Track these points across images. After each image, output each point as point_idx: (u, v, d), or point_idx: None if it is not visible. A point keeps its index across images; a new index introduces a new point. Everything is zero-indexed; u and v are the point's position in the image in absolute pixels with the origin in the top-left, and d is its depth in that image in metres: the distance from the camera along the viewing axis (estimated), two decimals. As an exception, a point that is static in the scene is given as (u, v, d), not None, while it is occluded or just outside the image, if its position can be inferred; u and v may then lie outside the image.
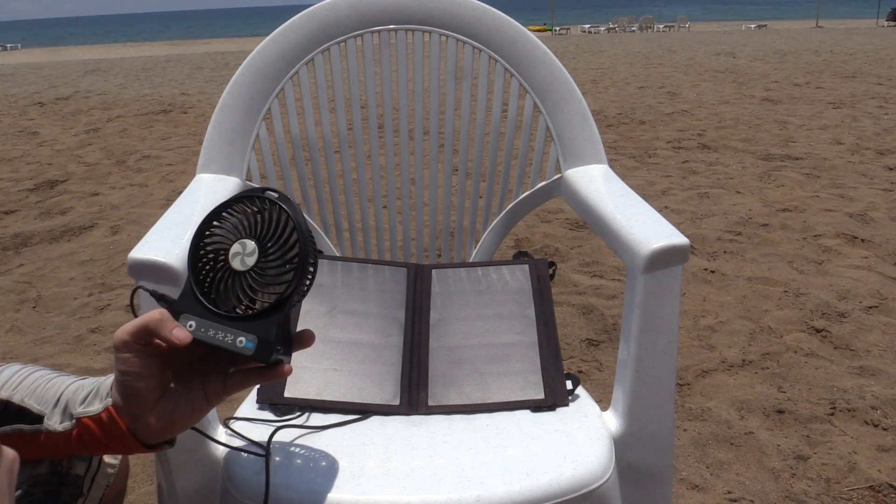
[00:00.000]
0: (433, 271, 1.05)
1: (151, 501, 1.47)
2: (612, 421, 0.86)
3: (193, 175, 1.08)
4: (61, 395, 0.60)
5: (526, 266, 1.04)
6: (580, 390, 0.90)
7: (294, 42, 1.11)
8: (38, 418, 0.59)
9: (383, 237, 1.25)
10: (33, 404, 0.60)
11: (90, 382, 0.61)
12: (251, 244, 0.58)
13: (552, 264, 1.04)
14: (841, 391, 1.80)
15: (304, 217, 0.59)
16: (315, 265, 0.59)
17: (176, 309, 0.58)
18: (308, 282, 0.59)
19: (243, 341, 0.57)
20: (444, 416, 0.87)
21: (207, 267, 0.59)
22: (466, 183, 1.21)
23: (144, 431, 0.58)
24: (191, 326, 0.57)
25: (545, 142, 1.15)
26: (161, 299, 0.62)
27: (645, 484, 0.87)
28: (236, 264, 0.58)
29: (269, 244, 0.58)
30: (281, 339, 0.58)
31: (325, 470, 0.74)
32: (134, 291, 0.69)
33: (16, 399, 0.60)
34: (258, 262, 0.58)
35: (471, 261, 1.24)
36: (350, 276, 1.02)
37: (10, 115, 7.40)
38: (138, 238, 0.82)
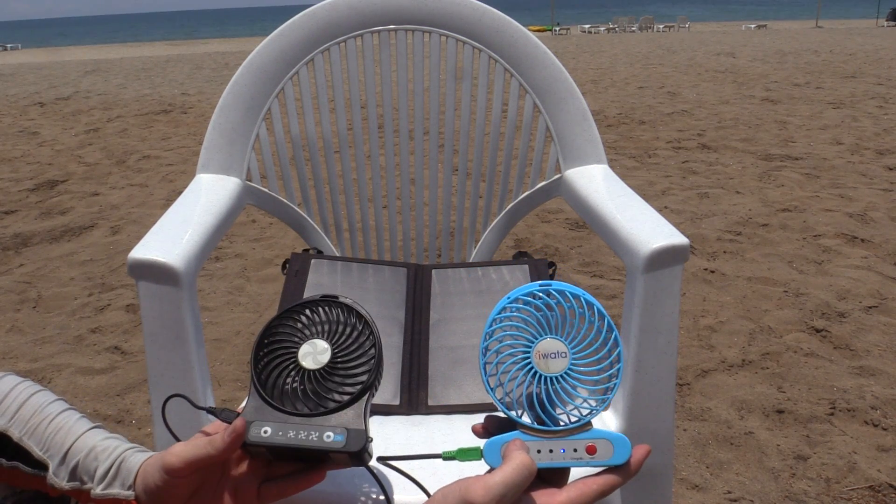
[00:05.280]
0: (433, 271, 1.05)
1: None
2: (612, 421, 0.87)
3: (193, 175, 1.09)
4: (69, 450, 0.58)
5: (526, 266, 1.04)
6: (580, 390, 0.90)
7: (294, 42, 1.11)
8: (40, 464, 0.57)
9: (383, 237, 1.25)
10: (34, 448, 0.57)
11: (104, 450, 0.58)
12: (322, 343, 0.59)
13: (552, 264, 1.04)
14: (841, 391, 1.80)
15: (365, 309, 0.61)
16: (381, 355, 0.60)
17: (246, 419, 0.56)
18: (382, 370, 0.60)
19: (331, 436, 0.55)
20: (444, 415, 0.87)
21: (273, 370, 0.59)
22: (466, 183, 1.21)
23: None
24: (266, 432, 0.55)
25: (545, 142, 1.15)
26: (220, 414, 0.59)
27: (645, 484, 0.87)
28: (308, 363, 0.58)
29: (342, 340, 0.59)
30: (367, 429, 0.57)
31: (332, 476, 0.74)
32: (167, 400, 0.65)
33: (13, 434, 0.58)
34: (331, 358, 0.59)
35: (471, 261, 1.24)
36: (350, 276, 1.02)
37: (10, 115, 7.40)
38: (138, 238, 0.82)
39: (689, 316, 2.25)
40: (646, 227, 0.86)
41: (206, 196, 0.99)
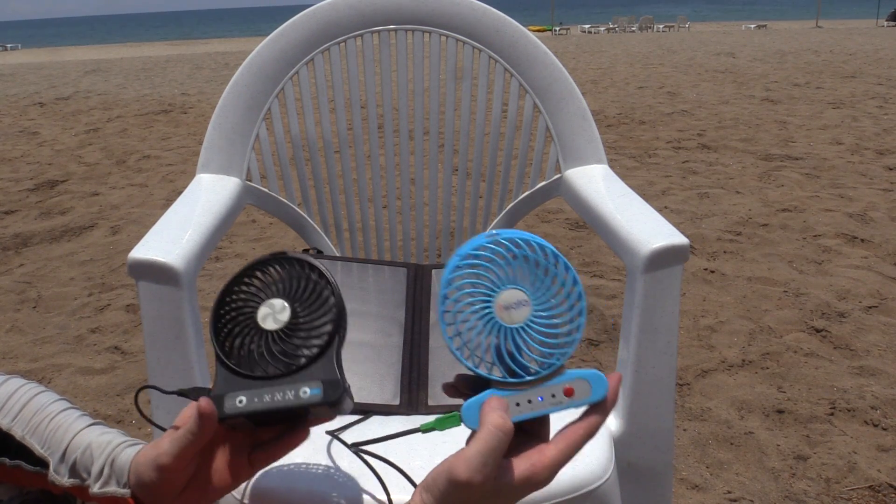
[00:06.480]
0: (433, 271, 1.06)
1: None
2: (611, 421, 0.87)
3: (193, 175, 1.09)
4: (68, 446, 0.58)
5: (526, 266, 1.04)
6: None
7: (294, 42, 1.11)
8: (41, 462, 0.58)
9: (383, 237, 1.25)
10: (36, 445, 0.58)
11: (98, 446, 0.58)
12: (279, 302, 0.57)
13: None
14: (841, 391, 1.80)
15: (317, 260, 0.59)
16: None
17: (217, 394, 0.55)
18: (346, 317, 0.58)
19: (307, 391, 0.54)
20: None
21: (235, 339, 0.57)
22: (466, 183, 1.21)
23: None
24: (241, 402, 0.54)
25: (545, 142, 1.15)
26: (190, 394, 0.58)
27: (645, 484, 0.87)
28: (269, 325, 0.57)
29: (298, 294, 0.57)
30: (343, 377, 0.56)
31: (324, 471, 0.74)
32: (140, 391, 0.64)
33: (16, 433, 0.58)
34: (292, 315, 0.57)
35: (471, 261, 1.24)
36: (350, 277, 1.02)
37: (10, 115, 7.40)
38: (138, 238, 0.82)
39: (689, 316, 2.25)
40: (646, 227, 0.86)
41: (206, 196, 0.99)
